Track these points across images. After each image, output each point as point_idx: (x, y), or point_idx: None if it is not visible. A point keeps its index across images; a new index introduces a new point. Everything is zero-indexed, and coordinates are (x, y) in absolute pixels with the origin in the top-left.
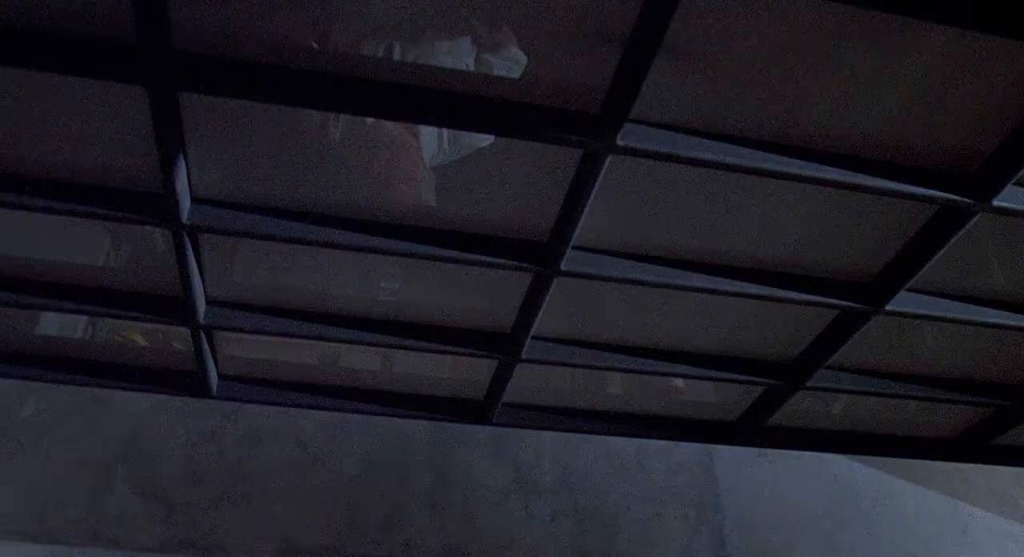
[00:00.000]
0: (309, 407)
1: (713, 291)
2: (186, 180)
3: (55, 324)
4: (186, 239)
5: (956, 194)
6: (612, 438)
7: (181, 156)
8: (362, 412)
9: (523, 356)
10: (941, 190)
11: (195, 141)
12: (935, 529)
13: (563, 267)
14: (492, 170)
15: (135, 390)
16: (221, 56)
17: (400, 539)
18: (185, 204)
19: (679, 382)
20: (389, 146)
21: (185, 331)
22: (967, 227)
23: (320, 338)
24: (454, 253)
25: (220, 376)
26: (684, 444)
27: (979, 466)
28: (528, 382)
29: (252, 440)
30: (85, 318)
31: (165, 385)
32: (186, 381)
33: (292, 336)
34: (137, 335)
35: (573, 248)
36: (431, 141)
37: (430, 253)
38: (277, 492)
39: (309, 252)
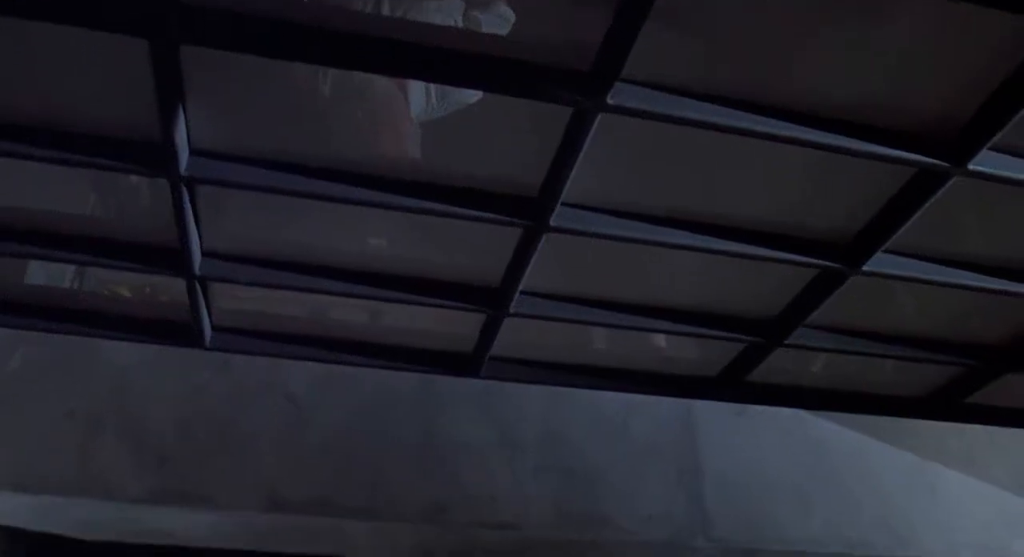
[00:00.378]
0: (300, 358)
1: (697, 249)
2: (185, 132)
3: (43, 274)
4: (184, 190)
5: (933, 158)
6: (596, 397)
7: (180, 108)
8: (352, 364)
9: (511, 311)
10: (919, 154)
11: (193, 93)
12: (906, 489)
13: (552, 223)
14: (483, 126)
15: (128, 340)
16: (222, 9)
17: (385, 493)
18: (183, 155)
19: (662, 343)
20: (374, 98)
21: (173, 284)
22: (943, 190)
23: (312, 290)
24: (444, 207)
25: (214, 328)
26: (666, 404)
27: (950, 427)
28: (515, 336)
29: (240, 394)
30: (72, 269)
31: (158, 336)
32: (180, 332)
33: (284, 288)
34: (124, 289)
35: (562, 204)
36: (419, 96)
37: (421, 207)
38: (265, 446)
39: (302, 205)
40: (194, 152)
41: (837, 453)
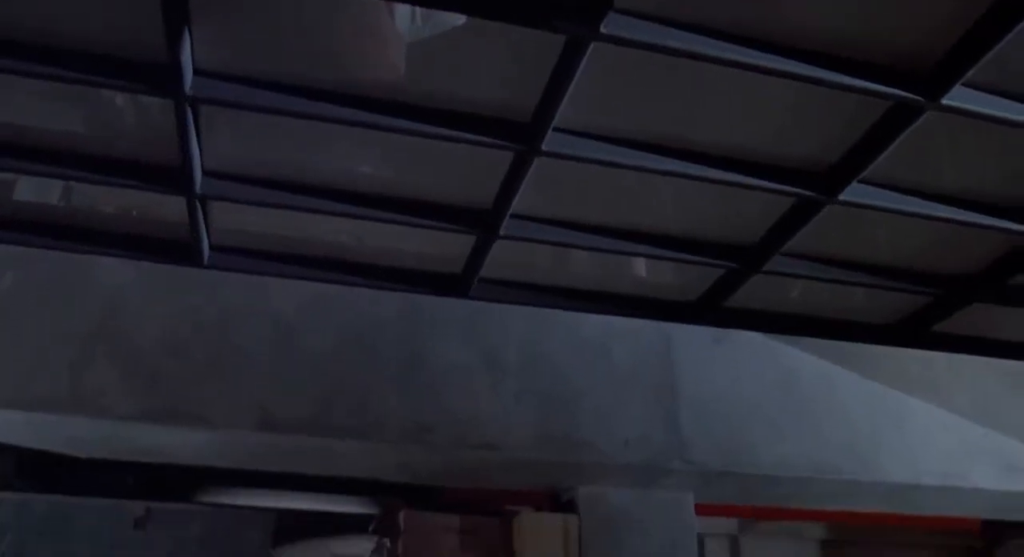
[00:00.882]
0: (295, 278)
1: (681, 175)
2: (190, 53)
3: (30, 191)
4: (188, 110)
5: (908, 92)
6: (577, 324)
7: (186, 29)
8: (344, 283)
9: (502, 233)
10: (894, 88)
11: (196, 15)
12: (872, 417)
13: (544, 148)
14: (477, 52)
15: (125, 257)
16: None
17: (371, 414)
18: (188, 76)
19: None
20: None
21: (165, 204)
22: (917, 123)
23: (308, 210)
24: (439, 130)
25: (211, 247)
26: (645, 332)
27: (916, 357)
28: (502, 259)
29: (230, 317)
30: (61, 186)
31: (155, 254)
32: (178, 251)
33: (281, 207)
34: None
35: (554, 130)
36: (405, 14)
37: (416, 129)
38: (255, 367)
39: (298, 127)
40: (197, 73)
41: (808, 382)
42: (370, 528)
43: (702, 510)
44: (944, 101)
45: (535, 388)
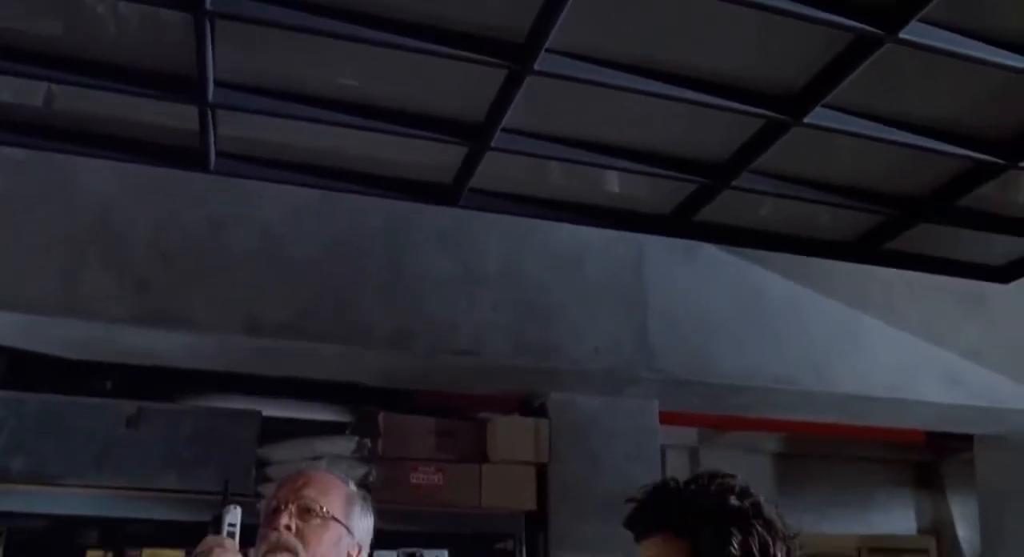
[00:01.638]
0: (296, 184)
1: (661, 96)
2: None
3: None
4: (207, 23)
5: (870, 26)
6: (553, 238)
7: None
8: (341, 190)
9: (492, 145)
10: (857, 20)
11: None
12: (831, 335)
13: (537, 67)
14: None
15: (133, 162)
16: None
17: (354, 320)
18: None
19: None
20: None
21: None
22: (877, 54)
23: (310, 120)
24: (439, 47)
25: (218, 154)
26: (617, 247)
27: (875, 279)
28: (489, 171)
29: (217, 224)
30: (44, 87)
31: (162, 159)
32: (185, 156)
33: (286, 117)
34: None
35: (546, 51)
36: None
37: (416, 46)
38: (242, 273)
39: (302, 42)
40: None
41: (771, 299)
42: (348, 429)
43: (665, 418)
44: (902, 35)
45: (512, 298)
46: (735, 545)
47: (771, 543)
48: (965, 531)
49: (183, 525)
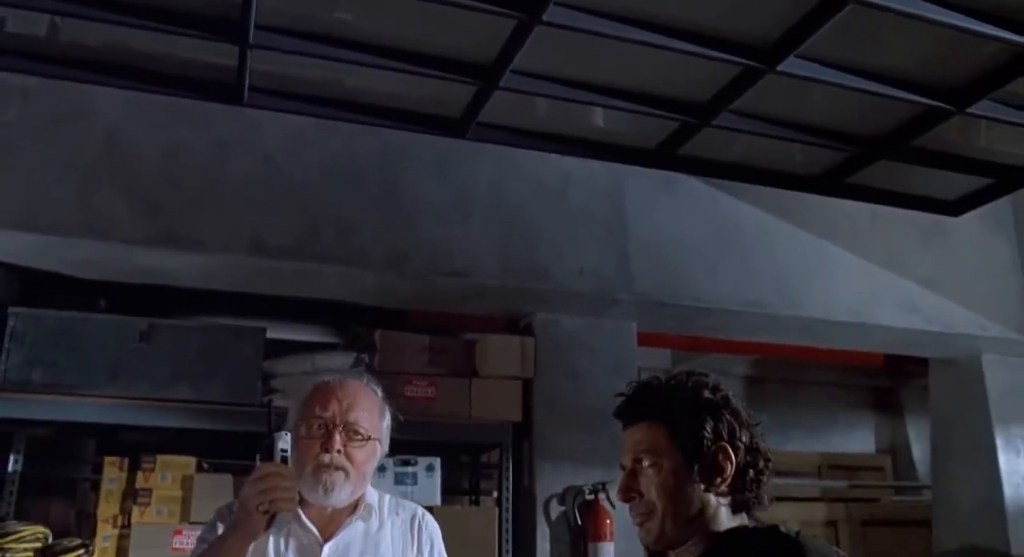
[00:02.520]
0: (323, 117)
1: (652, 45)
2: None
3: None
4: None
5: None
6: (539, 168)
7: None
8: (361, 123)
9: (501, 85)
10: None
11: None
12: (799, 262)
13: (545, 18)
14: None
15: (168, 95)
16: None
17: (353, 242)
18: None
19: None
20: None
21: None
22: (843, 12)
23: (337, 60)
24: None
25: (250, 88)
26: (599, 178)
27: (842, 212)
28: (495, 108)
29: (223, 150)
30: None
31: (196, 91)
32: (219, 90)
33: (315, 57)
34: None
35: (554, 4)
36: None
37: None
38: (247, 197)
39: None
40: None
41: (744, 228)
42: (339, 345)
43: (642, 340)
44: None
45: (500, 223)
46: (707, 430)
47: (737, 429)
48: (919, 451)
49: (194, 433)
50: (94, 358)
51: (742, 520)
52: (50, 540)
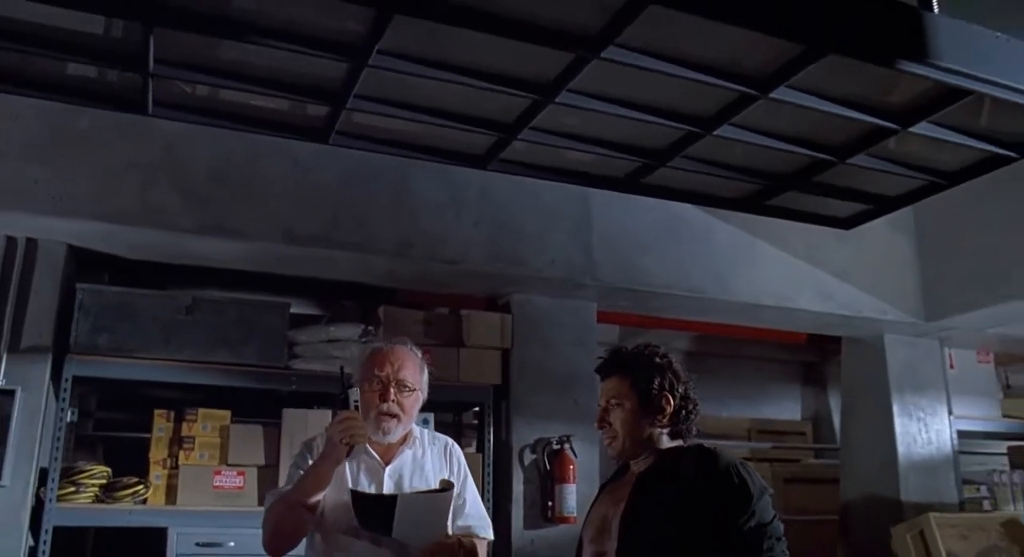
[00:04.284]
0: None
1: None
2: None
3: None
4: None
5: None
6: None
7: None
8: (409, 158)
9: (518, 137)
10: None
11: None
12: (733, 255)
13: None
14: None
15: (264, 134)
16: None
17: (367, 233)
18: None
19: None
20: None
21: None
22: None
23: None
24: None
25: (336, 132)
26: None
27: None
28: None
29: (259, 156)
30: None
31: (289, 130)
32: (310, 130)
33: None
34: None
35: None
36: None
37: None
38: (280, 194)
39: None
40: None
41: (689, 226)
42: (324, 320)
43: (601, 317)
44: None
45: (487, 219)
46: (655, 383)
47: (676, 383)
48: (838, 419)
49: (230, 390)
50: (148, 327)
51: (678, 443)
52: (111, 478)
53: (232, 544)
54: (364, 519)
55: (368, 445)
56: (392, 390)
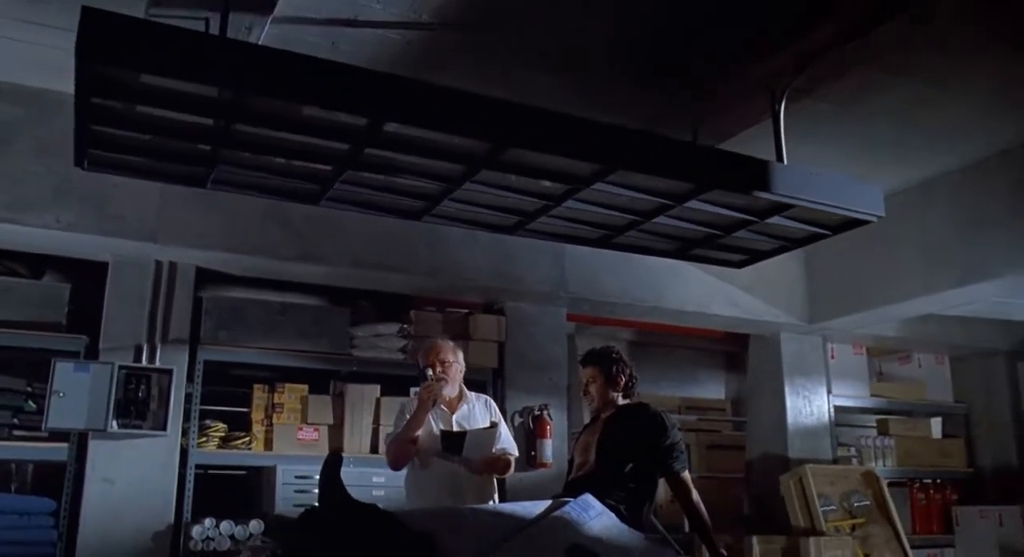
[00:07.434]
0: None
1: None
2: None
3: None
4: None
5: None
6: None
7: None
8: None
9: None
10: None
11: None
12: (667, 275)
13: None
14: None
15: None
16: None
17: (410, 260)
18: None
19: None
20: None
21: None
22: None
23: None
24: None
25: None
26: None
27: None
28: None
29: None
30: None
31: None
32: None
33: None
34: None
35: None
36: None
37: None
38: (351, 232)
39: None
40: None
41: (636, 255)
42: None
43: (569, 317)
44: None
45: (491, 247)
46: (614, 368)
47: (626, 368)
48: None
49: (306, 370)
50: (253, 323)
51: (628, 401)
52: (226, 433)
53: (316, 477)
54: (446, 446)
55: (439, 402)
56: (439, 367)
